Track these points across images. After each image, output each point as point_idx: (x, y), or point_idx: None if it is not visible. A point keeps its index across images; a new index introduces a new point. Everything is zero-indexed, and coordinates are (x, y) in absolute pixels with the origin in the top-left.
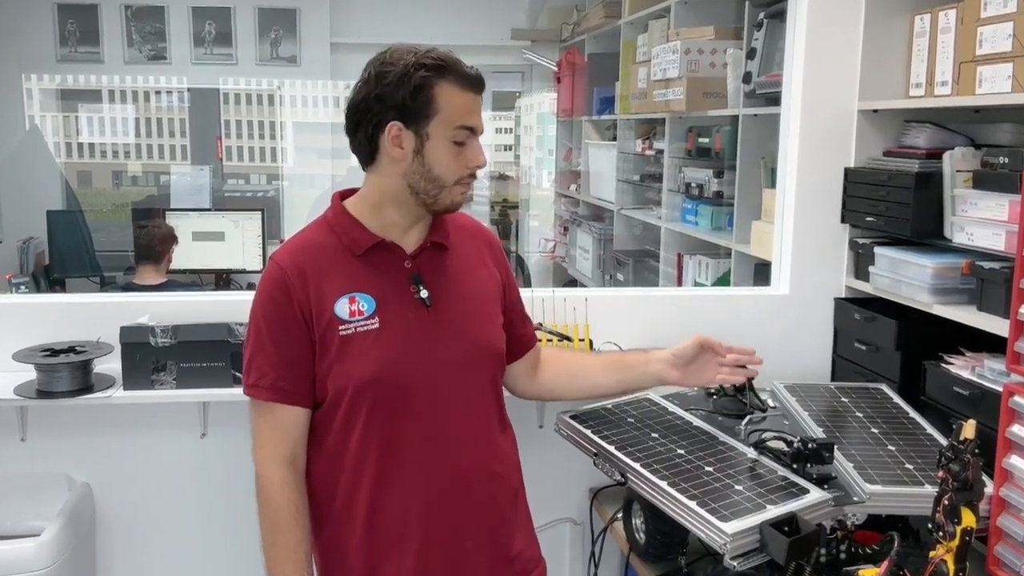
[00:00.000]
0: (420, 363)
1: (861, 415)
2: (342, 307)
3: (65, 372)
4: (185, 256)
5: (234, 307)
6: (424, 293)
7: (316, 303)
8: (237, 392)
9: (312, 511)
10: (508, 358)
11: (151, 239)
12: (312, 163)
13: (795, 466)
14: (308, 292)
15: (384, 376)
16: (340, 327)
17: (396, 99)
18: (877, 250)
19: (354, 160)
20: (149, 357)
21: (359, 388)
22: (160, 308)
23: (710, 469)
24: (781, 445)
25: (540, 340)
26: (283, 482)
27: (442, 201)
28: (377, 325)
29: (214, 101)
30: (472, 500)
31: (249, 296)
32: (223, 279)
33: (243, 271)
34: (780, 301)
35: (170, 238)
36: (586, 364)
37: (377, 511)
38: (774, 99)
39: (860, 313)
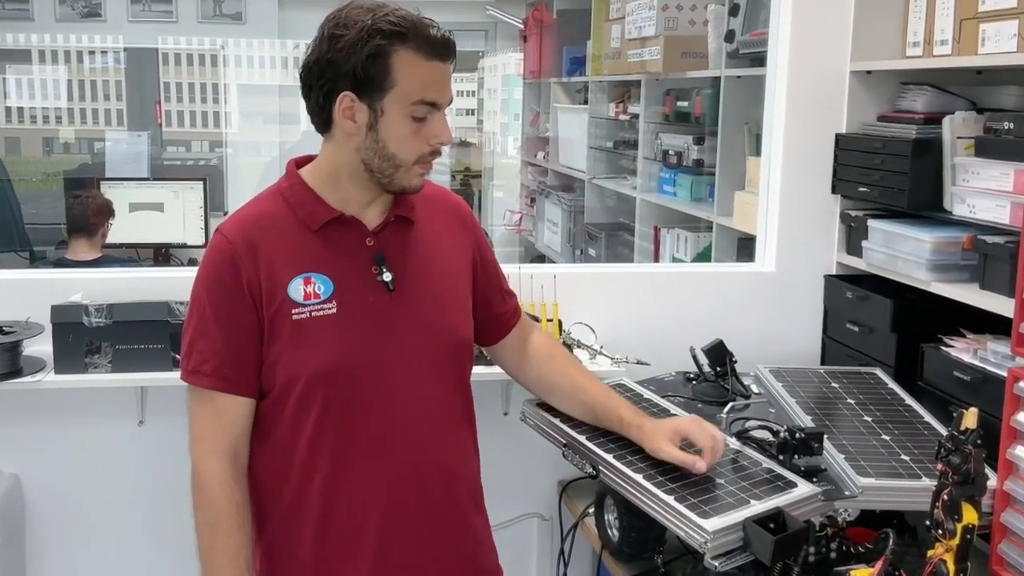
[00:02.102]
0: (380, 353)
1: (853, 402)
2: (296, 288)
3: None
4: (121, 229)
5: (174, 284)
6: (387, 276)
7: (267, 282)
8: (177, 376)
9: (254, 509)
10: (488, 338)
11: (85, 211)
12: (259, 129)
13: (781, 458)
14: (259, 270)
15: (341, 367)
16: (293, 311)
17: (348, 67)
18: (871, 223)
19: (306, 124)
20: (82, 338)
21: (312, 379)
22: (94, 285)
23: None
24: (766, 435)
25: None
26: (223, 479)
27: (398, 182)
28: (334, 310)
29: (152, 62)
30: (433, 505)
31: (191, 273)
32: (162, 254)
33: (184, 245)
34: (765, 278)
35: (105, 210)
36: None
37: (330, 514)
38: (759, 59)
39: (852, 291)
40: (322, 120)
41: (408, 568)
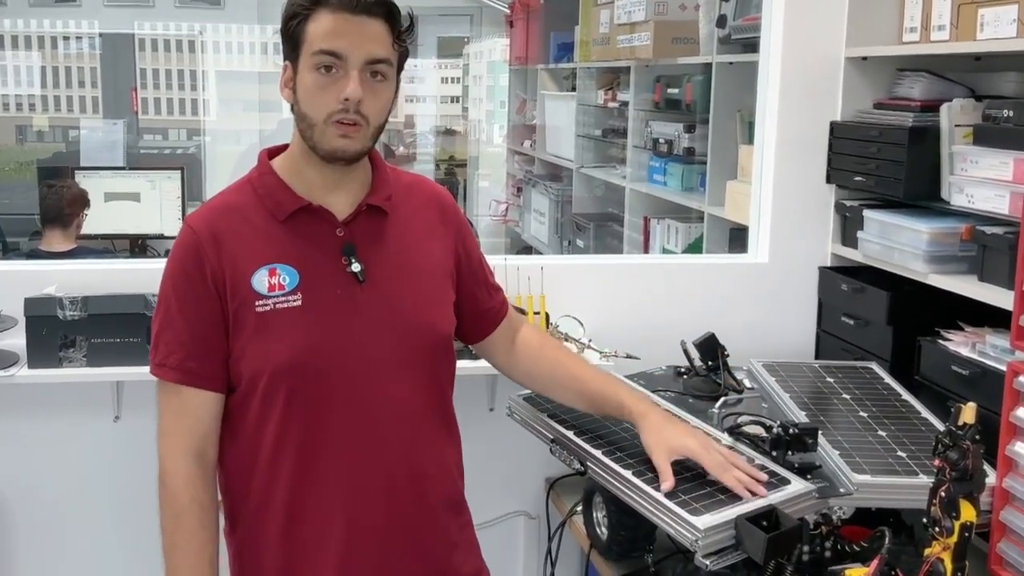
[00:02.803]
0: (347, 347)
1: (848, 397)
2: (260, 280)
3: None
4: (97, 220)
5: (151, 276)
6: (356, 267)
7: (231, 274)
8: None
9: (226, 507)
10: (475, 335)
11: (59, 201)
12: (237, 116)
13: (774, 454)
14: (223, 261)
15: (304, 361)
16: (257, 303)
17: (283, 34)
18: (866, 213)
19: (286, 112)
20: (57, 332)
21: (275, 374)
22: (69, 277)
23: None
24: (759, 430)
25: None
26: (188, 478)
27: (319, 144)
28: (299, 302)
29: (128, 48)
30: (403, 506)
31: None
32: (139, 245)
33: (161, 236)
34: (758, 270)
35: (80, 200)
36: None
37: (295, 513)
38: (751, 45)
39: (847, 283)
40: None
41: (374, 570)
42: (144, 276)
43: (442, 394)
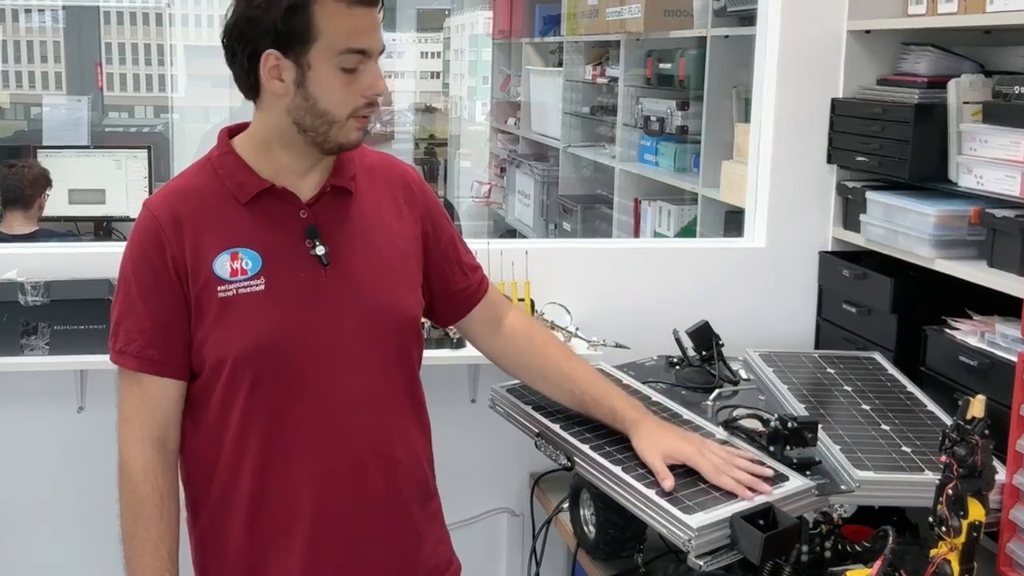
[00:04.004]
0: (312, 332)
1: (850, 389)
2: (222, 265)
3: None
4: (60, 201)
5: (116, 260)
6: (320, 249)
7: (192, 258)
8: None
9: (188, 496)
10: (447, 317)
11: (20, 181)
12: (206, 93)
13: (772, 449)
14: (184, 245)
15: (268, 346)
16: (219, 288)
17: (268, 23)
18: (869, 195)
19: None
20: (18, 318)
21: (239, 360)
22: (31, 262)
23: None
24: (756, 424)
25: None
26: (148, 466)
27: (334, 139)
28: (262, 287)
29: (93, 21)
30: (371, 494)
31: None
32: (103, 228)
33: (127, 219)
34: (755, 255)
35: (42, 180)
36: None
37: (260, 503)
38: (748, 17)
39: (849, 269)
40: (249, 85)
41: (341, 560)
42: (109, 260)
43: (411, 378)
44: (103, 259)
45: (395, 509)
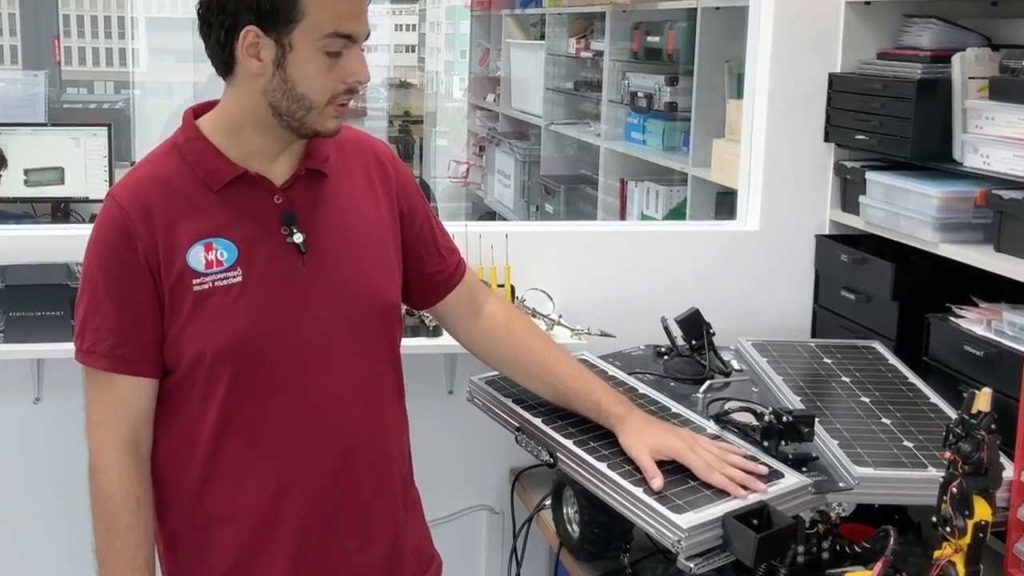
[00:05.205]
0: (293, 324)
1: (848, 380)
2: (196, 256)
3: None
4: (15, 182)
5: (75, 244)
6: (298, 237)
7: (165, 250)
8: None
9: (157, 497)
10: (420, 301)
11: None
12: (170, 68)
13: (766, 444)
14: (155, 237)
15: (248, 341)
16: (194, 281)
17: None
18: (869, 176)
19: None
20: None
21: (218, 357)
22: None
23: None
24: (749, 418)
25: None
26: (122, 471)
27: (310, 125)
28: (239, 279)
29: None
30: (357, 490)
31: None
32: (61, 210)
33: (86, 200)
34: (748, 239)
35: None
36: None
37: (241, 504)
38: None
39: (848, 254)
40: (224, 61)
41: (328, 562)
42: (67, 243)
43: (395, 365)
44: (61, 243)
45: (381, 503)
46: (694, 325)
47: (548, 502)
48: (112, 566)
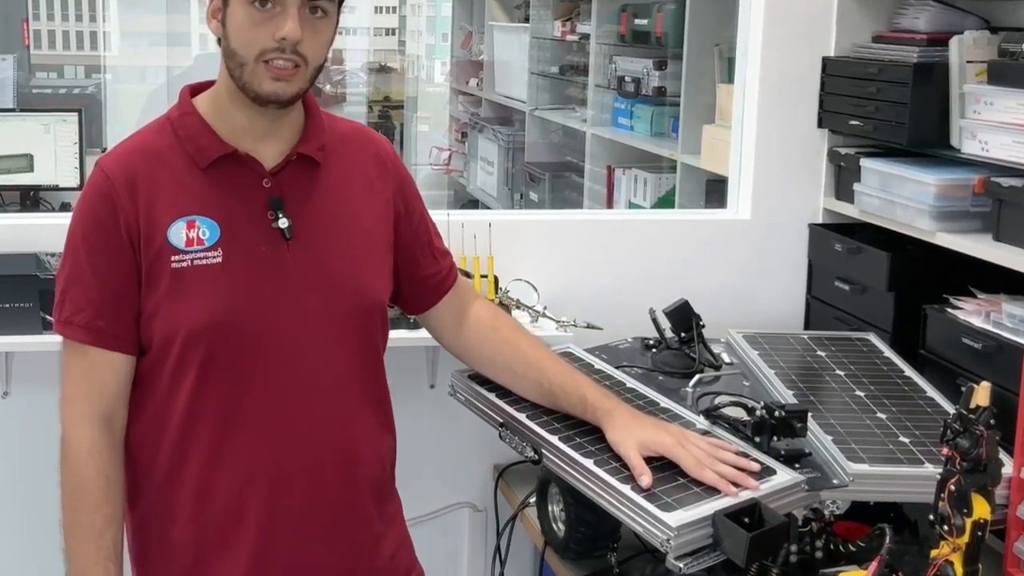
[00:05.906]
0: (270, 311)
1: (843, 373)
2: (177, 233)
3: None
4: None
5: (44, 233)
6: (284, 222)
7: (146, 224)
8: (48, 340)
9: (128, 479)
10: (415, 305)
11: None
12: (142, 52)
13: (758, 440)
14: (138, 209)
15: (223, 324)
16: (173, 258)
17: None
18: (864, 163)
19: (199, 47)
20: None
21: (190, 337)
22: None
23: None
24: (740, 413)
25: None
26: (93, 447)
27: (248, 85)
28: (219, 259)
29: None
30: (328, 489)
31: (63, 220)
32: (31, 198)
33: (55, 188)
34: (739, 228)
35: None
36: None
37: (207, 495)
38: None
39: (842, 243)
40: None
41: (292, 561)
42: (36, 233)
43: (376, 368)
44: (29, 232)
45: (350, 506)
46: (683, 317)
47: (533, 500)
48: (78, 543)
